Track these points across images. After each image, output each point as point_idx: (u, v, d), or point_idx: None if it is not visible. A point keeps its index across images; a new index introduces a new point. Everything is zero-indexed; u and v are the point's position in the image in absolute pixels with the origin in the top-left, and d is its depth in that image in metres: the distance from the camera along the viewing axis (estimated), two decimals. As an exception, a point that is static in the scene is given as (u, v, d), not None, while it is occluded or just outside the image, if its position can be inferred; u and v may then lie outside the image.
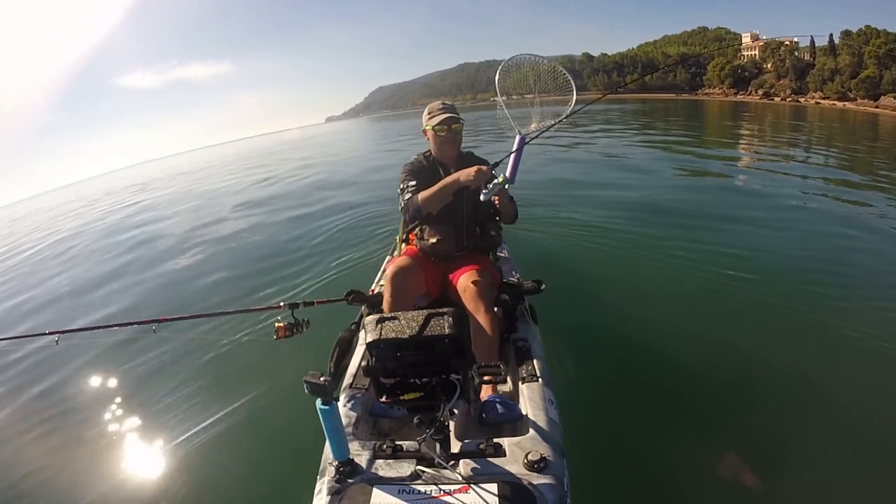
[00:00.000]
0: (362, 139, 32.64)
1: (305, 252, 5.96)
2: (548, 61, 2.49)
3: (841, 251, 4.63)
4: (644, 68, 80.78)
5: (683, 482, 2.14)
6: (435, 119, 2.42)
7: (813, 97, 52.50)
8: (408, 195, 2.37)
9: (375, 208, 7.71)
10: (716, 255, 4.54)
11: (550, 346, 2.33)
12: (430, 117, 2.45)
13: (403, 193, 2.41)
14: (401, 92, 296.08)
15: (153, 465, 2.60)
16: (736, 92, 65.37)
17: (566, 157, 11.66)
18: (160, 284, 5.93)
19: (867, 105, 43.62)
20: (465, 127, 2.49)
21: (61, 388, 3.63)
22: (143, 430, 2.90)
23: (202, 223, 9.50)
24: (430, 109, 2.49)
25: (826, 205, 6.58)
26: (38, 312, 5.85)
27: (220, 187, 16.20)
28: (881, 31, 49.50)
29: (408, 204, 2.36)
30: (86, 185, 51.19)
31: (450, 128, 2.41)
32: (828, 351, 3.03)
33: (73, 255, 9.20)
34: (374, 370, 1.39)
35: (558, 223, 5.76)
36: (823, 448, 2.28)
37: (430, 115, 2.46)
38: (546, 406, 1.73)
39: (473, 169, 2.20)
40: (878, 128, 23.04)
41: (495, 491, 1.32)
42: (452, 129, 2.42)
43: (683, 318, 3.46)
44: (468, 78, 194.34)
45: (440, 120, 2.40)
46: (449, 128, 2.40)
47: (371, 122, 75.89)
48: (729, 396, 2.65)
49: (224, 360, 3.47)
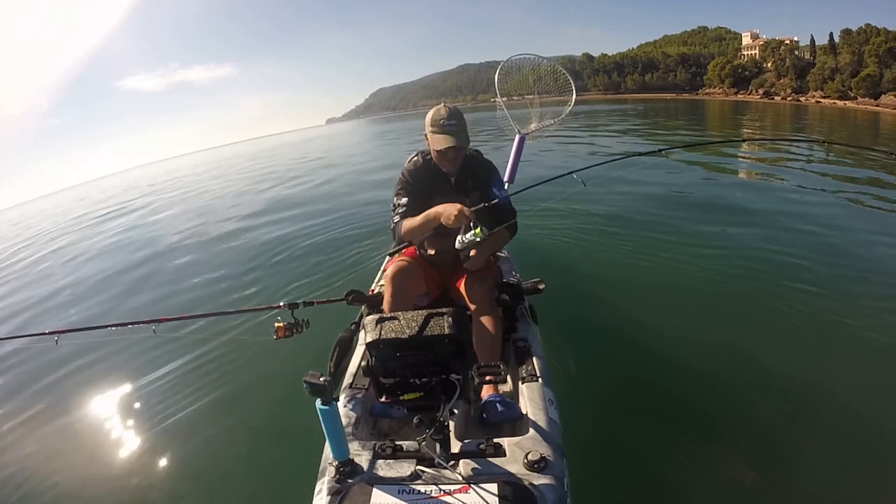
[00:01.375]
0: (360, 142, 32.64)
1: (305, 252, 5.96)
2: (548, 62, 2.50)
3: (842, 250, 4.62)
4: (644, 68, 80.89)
5: (683, 482, 2.14)
6: (437, 140, 2.19)
7: (813, 96, 52.50)
8: (396, 218, 2.28)
9: (375, 208, 7.71)
10: (716, 254, 4.54)
11: (550, 346, 2.33)
12: (433, 130, 2.21)
13: (393, 212, 2.31)
14: (401, 93, 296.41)
15: (153, 465, 2.60)
16: (736, 91, 65.41)
17: (566, 157, 11.65)
18: (160, 284, 5.94)
19: (868, 104, 43.61)
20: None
21: (61, 388, 3.63)
22: (143, 431, 2.90)
23: (202, 223, 9.53)
24: (434, 119, 2.20)
25: (827, 204, 6.57)
26: (38, 312, 5.87)
27: (219, 188, 16.24)
28: (881, 29, 49.49)
29: (394, 229, 2.29)
30: (88, 188, 51.26)
31: (446, 156, 2.23)
32: (828, 350, 3.03)
33: (73, 255, 9.22)
34: (374, 370, 1.39)
35: (558, 223, 5.74)
36: (824, 447, 2.28)
37: (433, 129, 2.21)
38: (546, 406, 1.73)
39: (455, 210, 2.03)
40: (879, 126, 23.02)
41: (495, 491, 1.32)
42: (449, 157, 2.24)
43: (683, 318, 3.46)
44: (469, 79, 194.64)
45: (444, 148, 2.18)
46: (445, 156, 2.23)
47: (370, 125, 75.91)
48: (729, 396, 2.65)
49: (224, 361, 3.47)
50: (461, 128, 2.20)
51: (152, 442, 2.79)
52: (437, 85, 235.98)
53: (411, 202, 2.27)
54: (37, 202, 51.97)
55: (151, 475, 2.54)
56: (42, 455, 2.88)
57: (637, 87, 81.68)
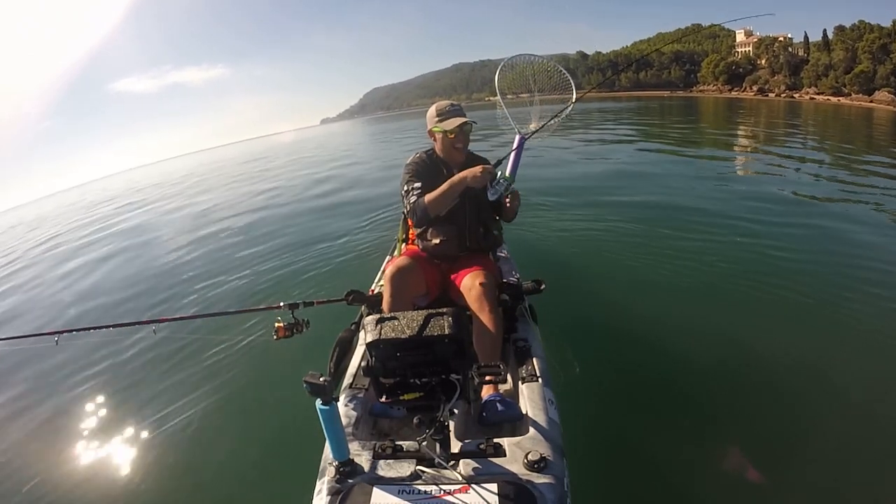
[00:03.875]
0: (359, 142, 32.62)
1: (305, 252, 5.95)
2: (547, 61, 2.49)
3: (843, 245, 4.64)
4: (638, 66, 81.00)
5: (684, 481, 2.14)
6: (448, 123, 2.34)
7: (807, 93, 52.66)
8: (413, 197, 2.31)
9: (375, 208, 7.71)
10: (716, 254, 4.55)
11: (550, 346, 2.33)
12: (439, 119, 2.36)
13: (408, 195, 2.34)
14: (395, 93, 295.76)
15: (152, 464, 2.60)
16: (730, 88, 65.57)
17: (566, 156, 11.66)
18: (160, 284, 5.91)
19: (862, 100, 43.81)
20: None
21: (61, 389, 3.62)
22: (143, 431, 2.89)
23: (202, 224, 9.51)
24: (438, 110, 2.38)
25: (826, 199, 6.61)
26: (38, 312, 5.86)
27: (218, 188, 16.18)
28: (875, 25, 49.66)
29: (414, 207, 2.30)
30: (85, 189, 51.08)
31: (462, 131, 2.35)
32: (830, 346, 3.04)
33: (74, 255, 9.19)
34: (374, 370, 1.39)
35: (558, 223, 5.76)
36: (826, 445, 2.28)
37: (439, 117, 2.37)
38: (546, 406, 1.73)
39: (478, 168, 2.18)
40: (873, 122, 23.14)
41: (495, 490, 1.32)
42: (465, 132, 2.36)
43: (684, 317, 3.47)
44: (463, 78, 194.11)
45: (457, 125, 2.32)
46: (461, 131, 2.34)
47: (364, 125, 75.81)
48: (729, 395, 2.66)
49: (224, 361, 3.47)
50: (464, 112, 2.39)
51: (151, 442, 2.78)
52: (430, 84, 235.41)
53: (425, 184, 2.32)
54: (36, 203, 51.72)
55: (151, 475, 2.53)
56: (41, 455, 2.86)
57: (631, 84, 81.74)
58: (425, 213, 2.28)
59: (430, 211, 2.27)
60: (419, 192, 2.30)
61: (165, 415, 2.99)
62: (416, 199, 2.29)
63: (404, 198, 2.37)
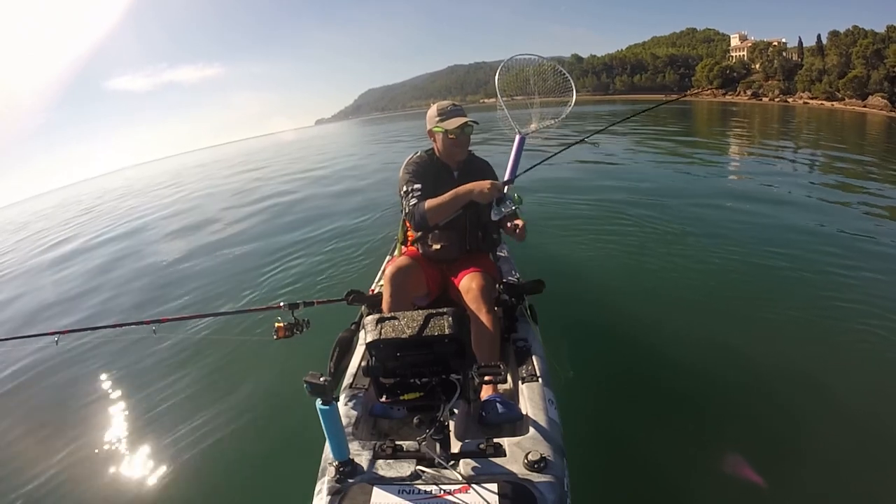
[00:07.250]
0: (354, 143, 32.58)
1: (305, 252, 5.94)
2: (547, 61, 2.50)
3: (842, 249, 4.66)
4: (633, 69, 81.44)
5: (684, 481, 2.15)
6: (449, 122, 2.29)
7: (801, 97, 53.10)
8: (413, 200, 2.25)
9: (375, 208, 7.71)
10: (716, 254, 4.57)
11: (550, 346, 2.32)
12: (440, 119, 2.31)
13: (407, 197, 2.28)
14: (390, 94, 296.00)
15: (153, 465, 2.58)
16: (725, 92, 65.92)
17: (566, 156, 11.67)
18: (160, 284, 5.89)
19: (855, 105, 44.18)
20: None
21: (61, 389, 3.60)
22: (143, 431, 2.88)
23: (201, 224, 9.46)
24: (439, 110, 2.33)
25: (824, 203, 6.65)
26: (38, 312, 5.81)
27: (217, 188, 16.12)
28: (868, 31, 50.15)
29: (413, 210, 2.25)
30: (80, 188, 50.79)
31: (463, 131, 2.30)
32: (829, 349, 3.05)
33: (74, 255, 9.12)
34: (374, 370, 1.39)
35: (559, 223, 5.77)
36: (825, 446, 2.29)
37: (440, 117, 2.31)
38: (546, 406, 1.73)
39: (487, 183, 2.15)
40: (866, 127, 23.32)
41: (496, 490, 1.32)
42: (466, 132, 2.31)
43: (683, 318, 3.48)
44: (458, 80, 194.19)
45: (459, 124, 2.26)
46: (462, 131, 2.30)
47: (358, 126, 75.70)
48: (729, 395, 2.66)
49: (224, 361, 3.46)
50: (464, 112, 2.35)
51: (151, 442, 2.76)
52: (426, 86, 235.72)
53: (425, 187, 2.28)
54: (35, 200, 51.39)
55: (150, 475, 2.52)
56: (41, 455, 2.83)
57: (626, 88, 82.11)
58: (424, 220, 2.23)
59: (430, 220, 2.22)
60: (419, 194, 2.26)
61: (164, 414, 2.98)
62: (416, 203, 2.24)
63: (403, 199, 2.33)
